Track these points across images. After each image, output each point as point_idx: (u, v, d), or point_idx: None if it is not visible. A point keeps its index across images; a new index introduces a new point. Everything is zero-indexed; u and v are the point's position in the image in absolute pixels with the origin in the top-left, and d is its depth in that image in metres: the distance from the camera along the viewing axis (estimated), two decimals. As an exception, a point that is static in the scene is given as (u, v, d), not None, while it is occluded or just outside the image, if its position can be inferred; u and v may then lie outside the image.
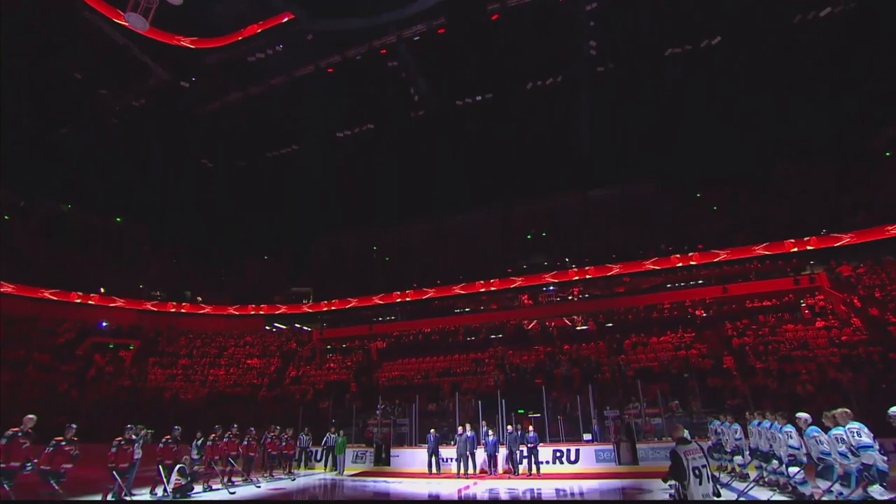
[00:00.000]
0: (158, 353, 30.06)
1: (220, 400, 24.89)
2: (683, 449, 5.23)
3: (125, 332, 31.14)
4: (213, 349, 31.49)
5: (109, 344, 30.02)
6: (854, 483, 6.98)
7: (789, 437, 8.82)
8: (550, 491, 11.87)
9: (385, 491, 12.65)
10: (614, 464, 14.73)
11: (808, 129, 29.03)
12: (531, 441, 14.39)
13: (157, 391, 26.06)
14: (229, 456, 13.15)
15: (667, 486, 10.79)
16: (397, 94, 31.13)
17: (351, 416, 18.84)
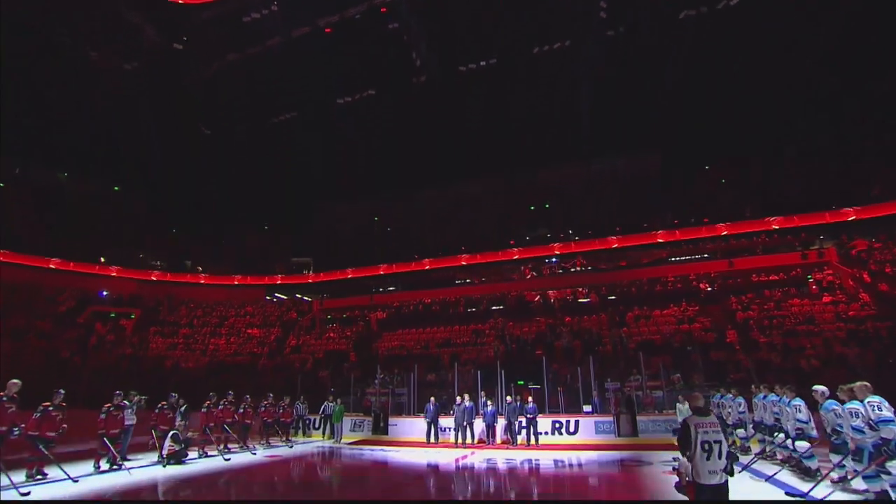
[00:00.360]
0: (159, 323, 30.06)
1: (220, 368, 24.91)
2: (696, 420, 4.84)
3: (126, 302, 31.05)
4: (213, 318, 31.47)
5: (110, 313, 29.98)
6: (867, 459, 6.66)
7: (798, 411, 8.49)
8: (548, 461, 11.71)
9: (383, 459, 12.53)
10: (614, 436, 14.58)
11: (826, 98, 27.93)
12: (530, 412, 14.21)
13: (158, 360, 26.10)
14: (224, 423, 13.00)
15: (671, 458, 10.67)
16: (398, 57, 30.03)
17: (349, 386, 18.74)
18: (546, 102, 34.99)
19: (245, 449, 13.51)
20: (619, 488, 8.74)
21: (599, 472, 10.58)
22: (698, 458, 4.71)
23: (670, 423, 14.28)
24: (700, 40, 25.84)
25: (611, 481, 9.62)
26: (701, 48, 27.15)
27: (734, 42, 26.25)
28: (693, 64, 30.10)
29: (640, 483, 8.62)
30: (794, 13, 23.59)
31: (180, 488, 8.83)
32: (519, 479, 10.12)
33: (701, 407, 4.97)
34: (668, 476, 8.91)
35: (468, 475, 10.53)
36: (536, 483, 9.68)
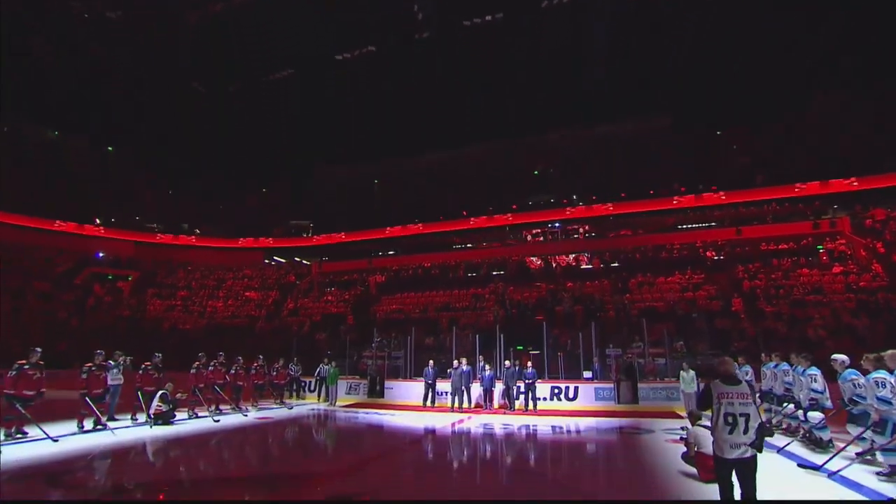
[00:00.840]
0: (157, 285, 29.75)
1: (218, 331, 24.65)
2: (722, 389, 4.25)
3: (123, 264, 30.65)
4: (211, 281, 31.14)
5: (108, 274, 29.65)
6: (890, 431, 6.16)
7: (813, 381, 7.98)
8: (546, 427, 11.37)
9: (378, 423, 12.24)
10: (613, 402, 14.25)
11: (844, 65, 26.46)
12: (529, 377, 13.84)
13: (156, 321, 25.87)
14: (215, 384, 12.66)
15: (675, 427, 10.29)
16: (400, 11, 28.41)
17: (346, 349, 18.41)
18: (552, 62, 33.42)
19: (237, 410, 13.23)
20: (622, 458, 8.34)
21: (599, 440, 10.23)
22: (720, 430, 4.15)
23: (671, 392, 13.95)
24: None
25: (612, 450, 9.26)
26: (717, 6, 25.55)
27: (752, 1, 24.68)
28: (708, 23, 28.50)
29: (643, 452, 8.20)
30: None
31: (162, 448, 8.48)
32: (515, 445, 9.77)
33: (730, 374, 4.36)
34: (671, 445, 8.50)
35: (463, 440, 10.19)
36: (533, 450, 9.32)
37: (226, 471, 7.43)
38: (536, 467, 7.65)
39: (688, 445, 6.26)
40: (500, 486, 6.35)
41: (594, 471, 7.65)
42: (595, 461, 8.39)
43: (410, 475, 6.89)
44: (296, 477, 6.67)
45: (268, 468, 7.36)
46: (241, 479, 6.64)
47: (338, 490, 6.04)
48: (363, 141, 40.94)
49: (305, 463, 7.71)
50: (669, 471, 6.64)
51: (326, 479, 6.52)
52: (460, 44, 31.17)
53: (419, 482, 6.52)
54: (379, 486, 6.16)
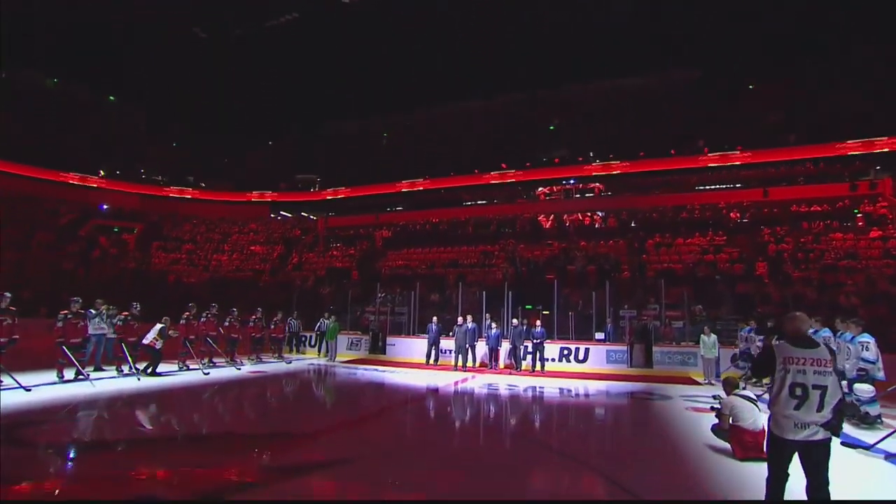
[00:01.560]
0: (162, 238, 29.31)
1: (222, 284, 24.20)
2: (790, 352, 3.23)
3: (128, 216, 30.12)
4: (216, 235, 30.64)
5: (114, 227, 29.18)
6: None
7: (864, 349, 6.92)
8: (553, 389, 10.61)
9: (375, 380, 11.59)
10: (626, 366, 13.46)
11: (890, 13, 23.76)
12: (537, 336, 13.01)
13: (160, 274, 25.50)
14: (207, 336, 12.05)
15: (692, 394, 9.44)
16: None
17: (348, 303, 17.75)
18: (574, 11, 30.94)
19: (231, 363, 12.71)
20: (638, 427, 7.50)
21: (612, 405, 9.43)
22: (782, 403, 3.17)
23: (687, 357, 13.07)
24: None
25: (626, 417, 8.45)
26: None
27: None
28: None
29: (661, 420, 7.35)
30: None
31: (134, 401, 7.85)
32: (519, 408, 9.02)
33: (801, 333, 3.32)
34: (692, 414, 7.65)
35: (464, 401, 9.47)
36: (539, 414, 8.55)
37: (199, 428, 6.76)
38: (542, 435, 6.84)
39: (721, 417, 5.35)
40: (498, 456, 5.55)
41: (607, 441, 6.83)
42: (608, 429, 7.59)
43: (401, 439, 6.14)
44: (275, 437, 5.95)
45: (245, 426, 6.66)
46: (209, 438, 5.93)
47: (317, 455, 5.29)
48: (372, 93, 39.21)
49: (289, 422, 7.01)
50: (694, 444, 5.77)
51: (308, 441, 5.79)
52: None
53: (409, 447, 5.76)
54: (364, 452, 5.39)
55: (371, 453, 5.35)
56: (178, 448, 5.51)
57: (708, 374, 11.26)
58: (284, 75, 39.44)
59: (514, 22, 32.63)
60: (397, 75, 37.34)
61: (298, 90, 40.19)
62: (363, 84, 39.25)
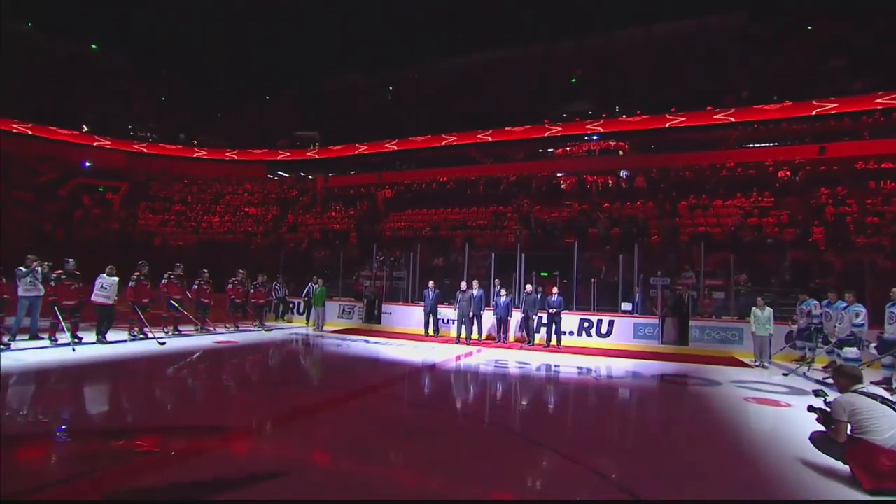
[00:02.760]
0: (150, 198, 28.03)
1: (210, 246, 22.92)
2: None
3: (113, 175, 28.75)
4: (208, 195, 29.31)
5: (98, 186, 27.88)
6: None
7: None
8: (570, 368, 9.03)
9: (363, 354, 10.11)
10: (657, 342, 11.78)
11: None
12: (554, 306, 11.36)
13: (146, 236, 24.28)
14: (171, 300, 10.65)
15: (745, 379, 7.76)
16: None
17: (340, 266, 16.28)
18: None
19: (202, 331, 11.38)
20: (689, 425, 5.77)
21: (647, 390, 7.80)
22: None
23: (731, 333, 11.31)
24: None
25: (669, 408, 6.78)
26: None
27: None
28: None
29: (720, 419, 5.66)
30: None
31: (40, 379, 6.43)
32: (530, 393, 7.44)
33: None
34: (756, 407, 6.00)
35: (463, 383, 7.94)
36: (554, 403, 6.95)
37: (93, 419, 5.30)
38: (557, 434, 5.26)
39: (833, 424, 3.65)
40: (498, 462, 3.98)
41: (652, 448, 5.06)
42: (650, 429, 5.78)
43: (361, 441, 4.62)
44: (196, 432, 4.45)
45: (165, 416, 5.18)
46: (98, 434, 4.45)
47: (237, 461, 3.77)
48: (377, 45, 36.82)
49: (228, 410, 5.52)
50: (778, 458, 4.10)
51: (237, 440, 4.28)
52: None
53: (371, 451, 4.22)
54: (305, 461, 3.87)
55: (310, 466, 3.82)
56: (62, 442, 4.05)
57: (760, 354, 9.54)
58: (283, 25, 37.21)
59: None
60: (403, 26, 34.89)
61: (298, 41, 37.98)
62: (367, 35, 36.89)
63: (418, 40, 35.57)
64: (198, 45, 36.06)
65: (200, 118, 34.38)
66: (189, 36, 35.86)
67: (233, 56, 37.35)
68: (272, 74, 38.24)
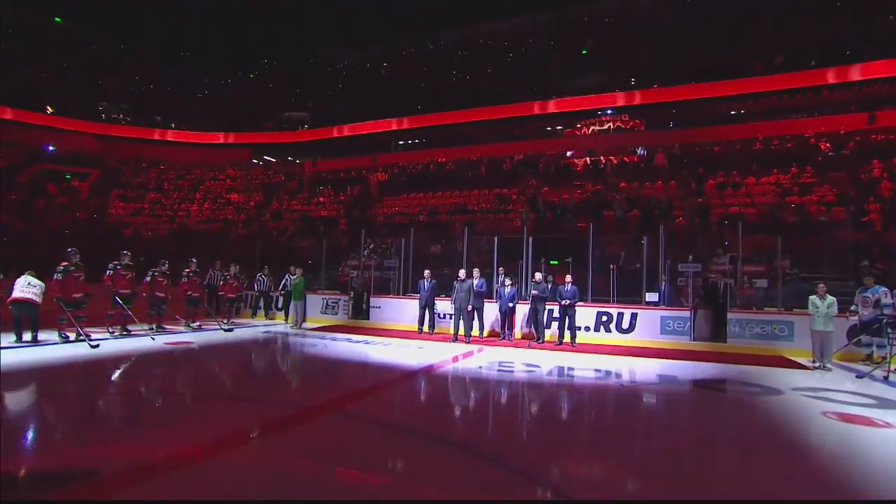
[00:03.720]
0: (123, 185, 26.88)
1: (185, 236, 21.79)
2: None
3: (82, 160, 27.55)
4: (187, 182, 28.18)
5: (65, 173, 26.72)
6: None
7: None
8: (588, 372, 7.79)
9: (341, 356, 8.90)
10: (688, 338, 10.52)
11: None
12: (567, 296, 10.11)
13: (117, 226, 23.16)
14: (116, 294, 9.46)
15: (808, 386, 6.40)
16: None
17: (323, 256, 15.11)
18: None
19: (157, 330, 10.23)
20: (762, 452, 4.45)
21: (686, 400, 6.53)
22: None
23: (776, 328, 10.00)
24: None
25: (728, 427, 5.45)
26: None
27: None
28: None
29: (803, 443, 4.40)
30: None
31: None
32: (540, 408, 6.17)
33: None
34: (842, 427, 4.72)
35: (455, 395, 6.71)
36: (571, 421, 5.69)
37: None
38: (582, 475, 4.02)
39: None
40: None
41: (718, 489, 3.82)
42: (707, 461, 4.28)
43: (301, 468, 3.38)
44: (49, 479, 3.24)
45: (20, 450, 3.96)
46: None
47: None
48: (371, 17, 35.44)
49: (126, 439, 4.30)
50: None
51: (116, 486, 3.06)
52: None
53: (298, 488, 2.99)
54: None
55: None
56: None
57: (822, 354, 8.22)
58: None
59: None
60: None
61: (285, 14, 36.65)
62: (360, 7, 35.48)
63: (415, 12, 34.21)
64: (176, 17, 34.74)
65: (179, 98, 33.12)
66: (166, 8, 34.56)
67: (215, 31, 36.00)
68: (258, 51, 36.93)
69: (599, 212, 16.58)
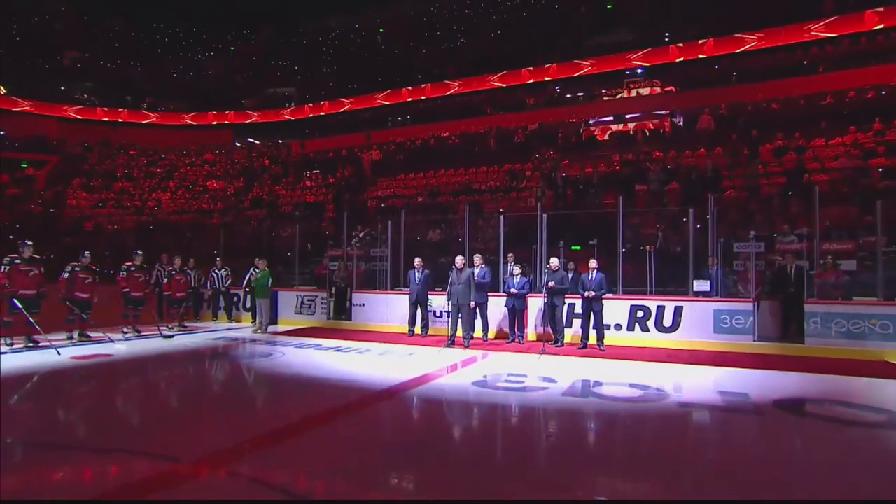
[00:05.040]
0: (86, 174, 25.96)
1: (151, 229, 20.68)
2: None
3: (40, 147, 26.67)
4: (160, 169, 27.23)
5: (22, 161, 25.80)
6: None
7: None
8: (619, 385, 6.22)
9: (297, 372, 7.38)
10: (750, 337, 8.79)
11: None
12: (591, 287, 8.49)
13: (77, 219, 22.19)
14: (16, 295, 8.11)
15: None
16: None
17: (295, 246, 13.72)
18: None
19: (80, 338, 8.93)
20: None
21: (789, 440, 4.88)
22: None
23: (873, 322, 8.19)
24: None
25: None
26: None
27: None
28: None
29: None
30: None
31: None
32: (561, 452, 4.58)
33: None
34: None
35: (435, 432, 5.18)
36: (606, 472, 4.09)
37: None
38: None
39: None
40: None
41: None
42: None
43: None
44: None
45: None
46: None
47: None
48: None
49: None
50: None
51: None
52: None
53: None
54: None
55: None
56: None
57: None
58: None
59: None
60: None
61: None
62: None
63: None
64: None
65: (151, 75, 32.04)
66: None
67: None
68: (238, 20, 35.63)
69: (630, 186, 14.88)
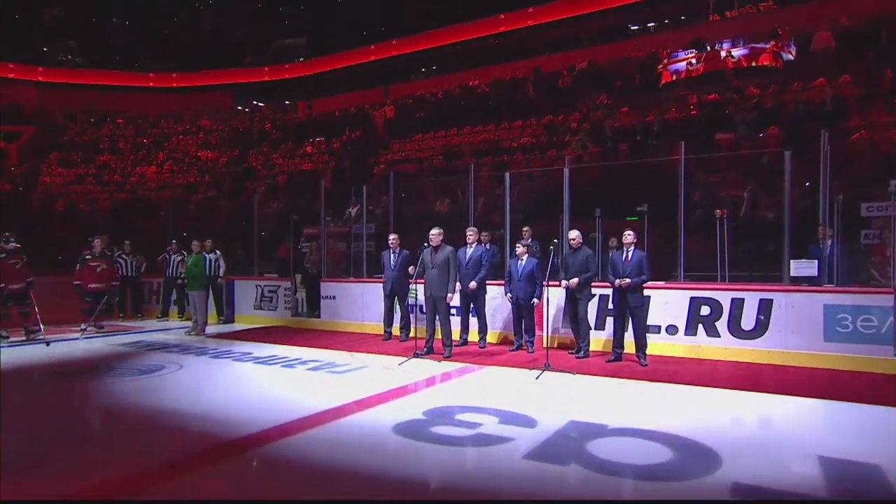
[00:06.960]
0: (65, 146, 26.14)
1: (125, 208, 20.22)
2: None
3: (15, 116, 26.96)
4: (149, 139, 27.20)
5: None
6: None
7: None
8: (641, 439, 4.12)
9: (177, 399, 5.92)
10: (890, 351, 6.41)
11: None
12: (626, 272, 6.48)
13: (49, 198, 22.14)
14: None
15: None
16: None
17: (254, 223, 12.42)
18: None
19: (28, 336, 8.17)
20: None
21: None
22: None
23: None
24: None
25: None
26: None
27: None
28: None
29: None
30: None
31: None
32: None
33: None
34: None
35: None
36: None
37: None
38: None
39: None
40: None
41: None
42: None
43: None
44: None
45: None
46: None
47: None
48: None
49: None
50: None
51: None
52: None
53: None
54: None
55: None
56: None
57: None
58: None
59: None
60: None
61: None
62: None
63: None
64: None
65: (141, 32, 31.75)
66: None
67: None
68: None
69: (710, 133, 12.55)
